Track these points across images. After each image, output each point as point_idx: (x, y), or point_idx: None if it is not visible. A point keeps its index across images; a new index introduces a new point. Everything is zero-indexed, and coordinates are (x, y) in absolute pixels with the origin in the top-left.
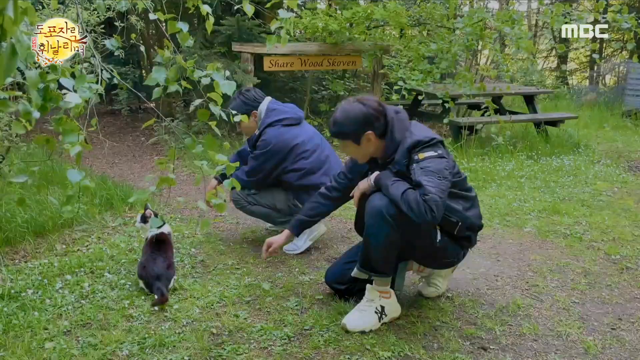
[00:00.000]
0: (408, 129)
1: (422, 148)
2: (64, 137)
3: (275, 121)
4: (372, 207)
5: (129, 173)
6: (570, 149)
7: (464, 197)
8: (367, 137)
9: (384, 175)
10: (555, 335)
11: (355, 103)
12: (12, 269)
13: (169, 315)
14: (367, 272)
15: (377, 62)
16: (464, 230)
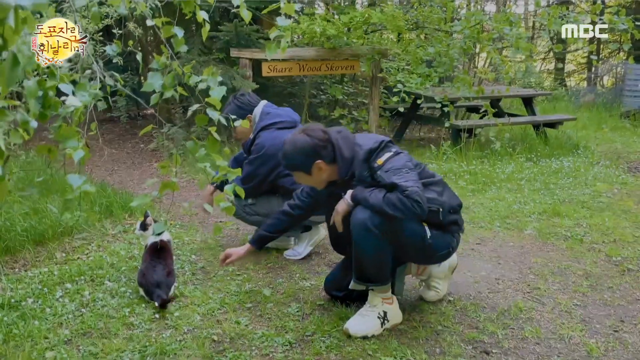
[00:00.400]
0: (355, 143)
1: (377, 154)
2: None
3: (269, 124)
4: (356, 221)
5: (129, 180)
6: (569, 150)
7: (432, 183)
8: (317, 166)
9: (359, 190)
10: (558, 338)
11: (301, 135)
12: (12, 277)
13: (170, 323)
14: (364, 284)
15: (376, 66)
16: (448, 214)
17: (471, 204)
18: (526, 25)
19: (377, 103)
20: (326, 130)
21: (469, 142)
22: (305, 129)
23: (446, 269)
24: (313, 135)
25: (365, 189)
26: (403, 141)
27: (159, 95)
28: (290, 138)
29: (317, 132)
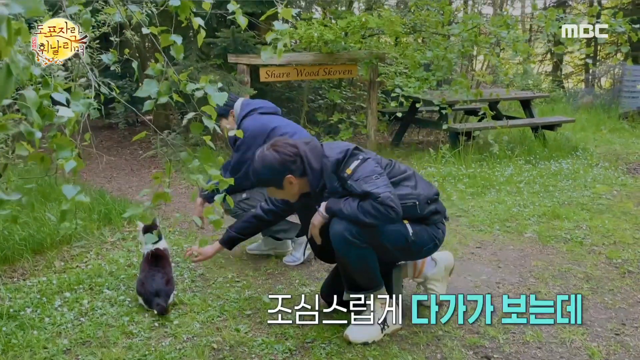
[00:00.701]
0: (322, 154)
1: (344, 164)
2: (57, 153)
3: (250, 111)
4: (334, 233)
5: (127, 187)
6: (568, 152)
7: (404, 178)
8: (288, 180)
9: (332, 201)
10: (559, 342)
11: (269, 151)
12: (10, 287)
13: (169, 331)
14: (357, 294)
15: (373, 70)
16: (425, 205)
17: (470, 207)
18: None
19: (375, 107)
20: (294, 143)
21: (467, 145)
22: (273, 144)
23: (442, 270)
24: (281, 150)
25: (339, 200)
26: (402, 145)
27: (153, 102)
28: (259, 154)
29: (285, 146)
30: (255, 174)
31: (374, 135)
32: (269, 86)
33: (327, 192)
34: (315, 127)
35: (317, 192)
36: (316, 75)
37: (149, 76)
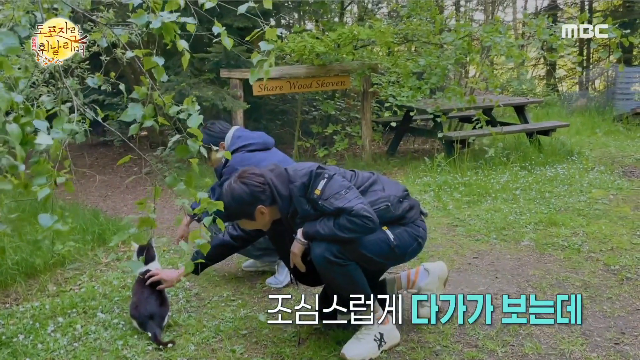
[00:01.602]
0: (287, 179)
1: (311, 186)
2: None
3: (239, 147)
4: (315, 257)
5: (122, 205)
6: (564, 157)
7: (371, 184)
8: (259, 211)
9: (307, 226)
10: (559, 354)
11: (237, 184)
12: (3, 313)
13: (164, 355)
14: (349, 312)
15: (366, 80)
16: (398, 204)
17: (467, 216)
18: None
19: (369, 117)
20: (260, 172)
21: (462, 153)
22: (240, 176)
23: (436, 280)
24: (249, 181)
25: (314, 223)
26: (397, 154)
27: (138, 125)
28: (226, 189)
29: (252, 177)
30: (225, 208)
31: (369, 146)
32: (262, 99)
33: (299, 217)
34: (310, 139)
35: (288, 218)
36: (309, 88)
37: (134, 100)
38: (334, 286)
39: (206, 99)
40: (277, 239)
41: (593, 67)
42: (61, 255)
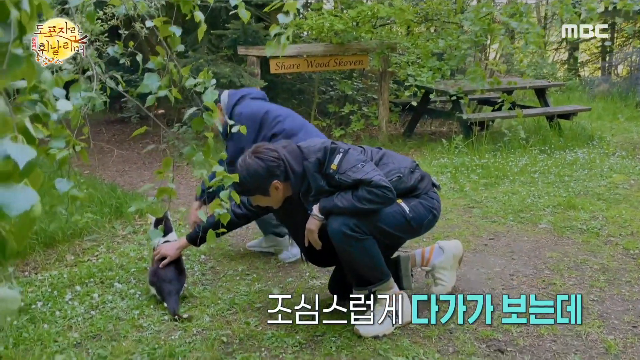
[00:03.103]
0: (301, 156)
1: (327, 162)
2: (51, 141)
3: (239, 98)
4: (332, 232)
5: (139, 181)
6: (584, 141)
7: (381, 157)
8: (274, 186)
9: (325, 201)
10: (575, 335)
11: (252, 159)
12: (22, 280)
13: (179, 325)
14: (365, 288)
15: (385, 60)
16: (410, 175)
17: (484, 198)
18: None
19: (386, 98)
20: (274, 148)
21: (480, 136)
22: (255, 151)
23: (451, 259)
24: (264, 156)
25: (330, 197)
26: (414, 136)
27: (154, 97)
28: (242, 163)
29: (267, 152)
30: (240, 184)
31: (385, 126)
32: (279, 78)
33: (313, 194)
34: (326, 118)
35: (300, 196)
36: (327, 66)
37: (149, 70)
38: (351, 262)
39: (223, 75)
40: (288, 217)
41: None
42: (79, 226)
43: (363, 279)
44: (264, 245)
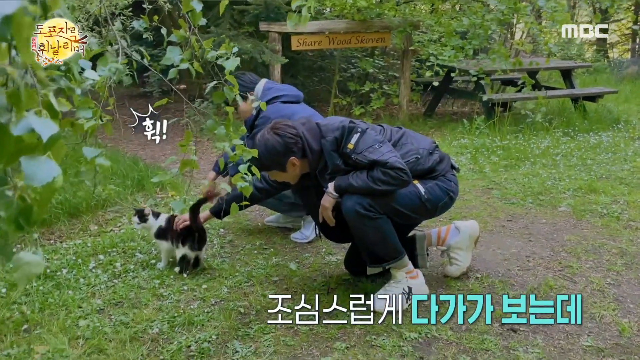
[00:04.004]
0: (319, 134)
1: (344, 141)
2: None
3: (272, 98)
4: (347, 210)
5: (161, 155)
6: (609, 124)
7: (400, 137)
8: (291, 162)
9: (340, 179)
10: (589, 317)
11: (270, 135)
12: (48, 248)
13: (198, 295)
14: (379, 266)
15: (407, 38)
16: (428, 157)
17: (503, 180)
18: None
19: (408, 76)
20: (293, 124)
21: (503, 117)
22: (273, 127)
23: (467, 239)
24: (282, 132)
25: (346, 176)
26: (435, 116)
27: (176, 70)
28: (259, 139)
29: (286, 128)
30: (258, 159)
31: (406, 105)
32: (300, 55)
33: (329, 172)
34: (346, 96)
35: (317, 173)
36: (348, 44)
37: (172, 43)
38: (365, 240)
39: (245, 51)
40: (304, 194)
41: None
42: (102, 198)
43: (377, 256)
44: (282, 221)
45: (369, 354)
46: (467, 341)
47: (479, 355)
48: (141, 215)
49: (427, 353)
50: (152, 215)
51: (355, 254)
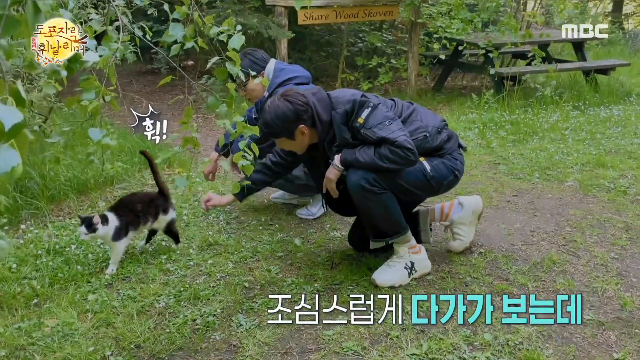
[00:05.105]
0: (329, 105)
1: (355, 114)
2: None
3: (286, 80)
4: (351, 184)
5: (168, 132)
6: (621, 98)
7: (410, 114)
8: (300, 130)
9: (347, 152)
10: (591, 291)
11: (281, 101)
12: (57, 225)
13: (204, 270)
14: (382, 240)
15: (416, 11)
16: (437, 135)
17: (511, 154)
18: None
19: (416, 50)
20: (303, 93)
21: (512, 91)
22: (284, 94)
23: (470, 214)
24: (293, 100)
25: (353, 150)
26: (444, 90)
27: (179, 46)
28: (270, 105)
29: (297, 96)
30: (267, 125)
31: (414, 80)
32: (307, 29)
33: (337, 144)
34: (354, 71)
35: (324, 145)
36: (356, 17)
37: (175, 20)
38: (369, 215)
39: (251, 26)
40: (312, 164)
41: None
42: (110, 175)
43: (380, 231)
44: (287, 198)
45: (370, 327)
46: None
47: (479, 328)
48: (89, 224)
49: (428, 326)
50: (101, 222)
51: (359, 229)
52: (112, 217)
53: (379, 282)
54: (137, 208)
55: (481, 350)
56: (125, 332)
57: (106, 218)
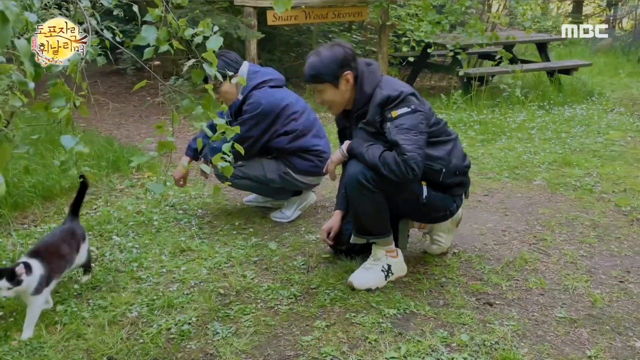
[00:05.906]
0: (378, 83)
1: (394, 105)
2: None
3: (260, 83)
4: (349, 176)
5: (136, 134)
6: (584, 97)
7: (444, 142)
8: (345, 77)
9: (356, 143)
10: (562, 289)
11: (333, 47)
12: (22, 233)
13: (177, 277)
14: (364, 237)
15: (384, 12)
16: (451, 175)
17: (480, 154)
18: None
19: (386, 51)
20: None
21: (480, 91)
22: (335, 43)
23: (448, 222)
24: (345, 46)
25: (363, 143)
26: None
27: (152, 49)
28: (317, 50)
29: (348, 45)
30: (314, 67)
31: None
32: (276, 30)
33: (365, 121)
34: None
35: (355, 116)
36: (325, 18)
37: (147, 22)
38: (358, 209)
39: (220, 27)
40: (342, 135)
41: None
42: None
43: (365, 228)
44: (261, 201)
45: (348, 331)
46: (445, 316)
47: (456, 329)
48: (11, 276)
49: (406, 328)
50: (25, 273)
51: (338, 232)
52: (35, 264)
53: (355, 284)
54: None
55: (458, 351)
56: (96, 344)
57: (29, 266)
